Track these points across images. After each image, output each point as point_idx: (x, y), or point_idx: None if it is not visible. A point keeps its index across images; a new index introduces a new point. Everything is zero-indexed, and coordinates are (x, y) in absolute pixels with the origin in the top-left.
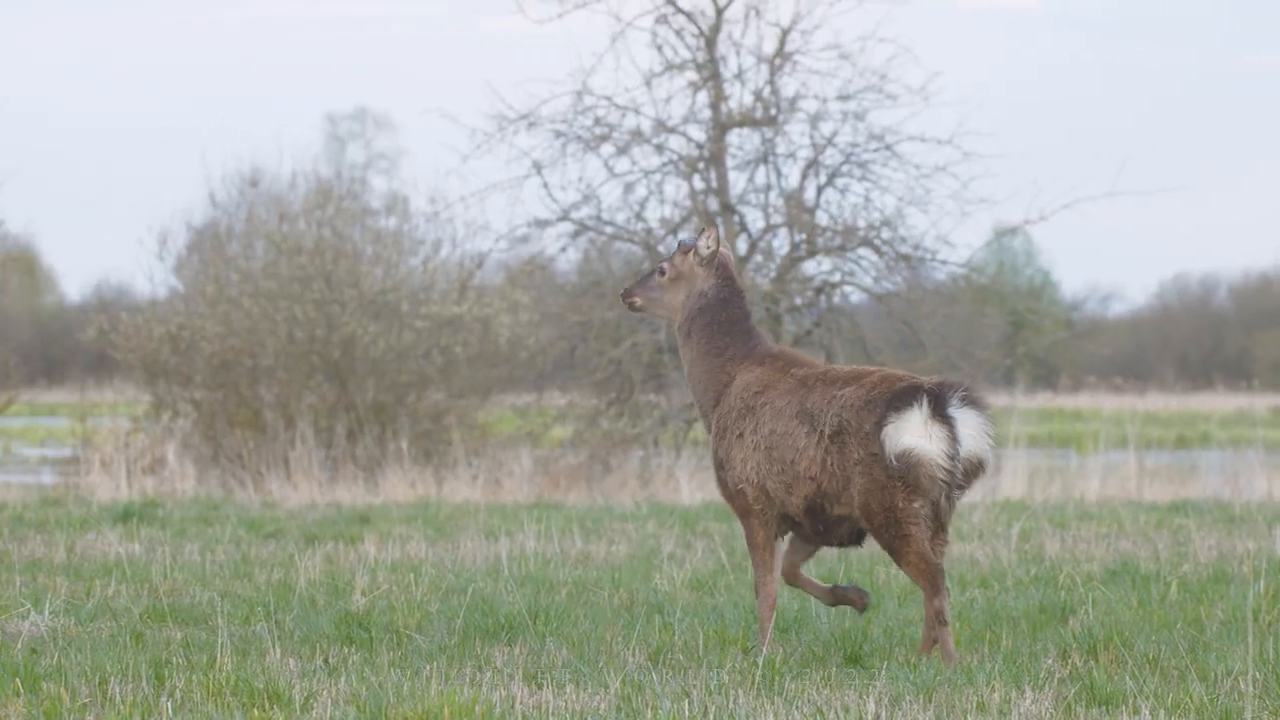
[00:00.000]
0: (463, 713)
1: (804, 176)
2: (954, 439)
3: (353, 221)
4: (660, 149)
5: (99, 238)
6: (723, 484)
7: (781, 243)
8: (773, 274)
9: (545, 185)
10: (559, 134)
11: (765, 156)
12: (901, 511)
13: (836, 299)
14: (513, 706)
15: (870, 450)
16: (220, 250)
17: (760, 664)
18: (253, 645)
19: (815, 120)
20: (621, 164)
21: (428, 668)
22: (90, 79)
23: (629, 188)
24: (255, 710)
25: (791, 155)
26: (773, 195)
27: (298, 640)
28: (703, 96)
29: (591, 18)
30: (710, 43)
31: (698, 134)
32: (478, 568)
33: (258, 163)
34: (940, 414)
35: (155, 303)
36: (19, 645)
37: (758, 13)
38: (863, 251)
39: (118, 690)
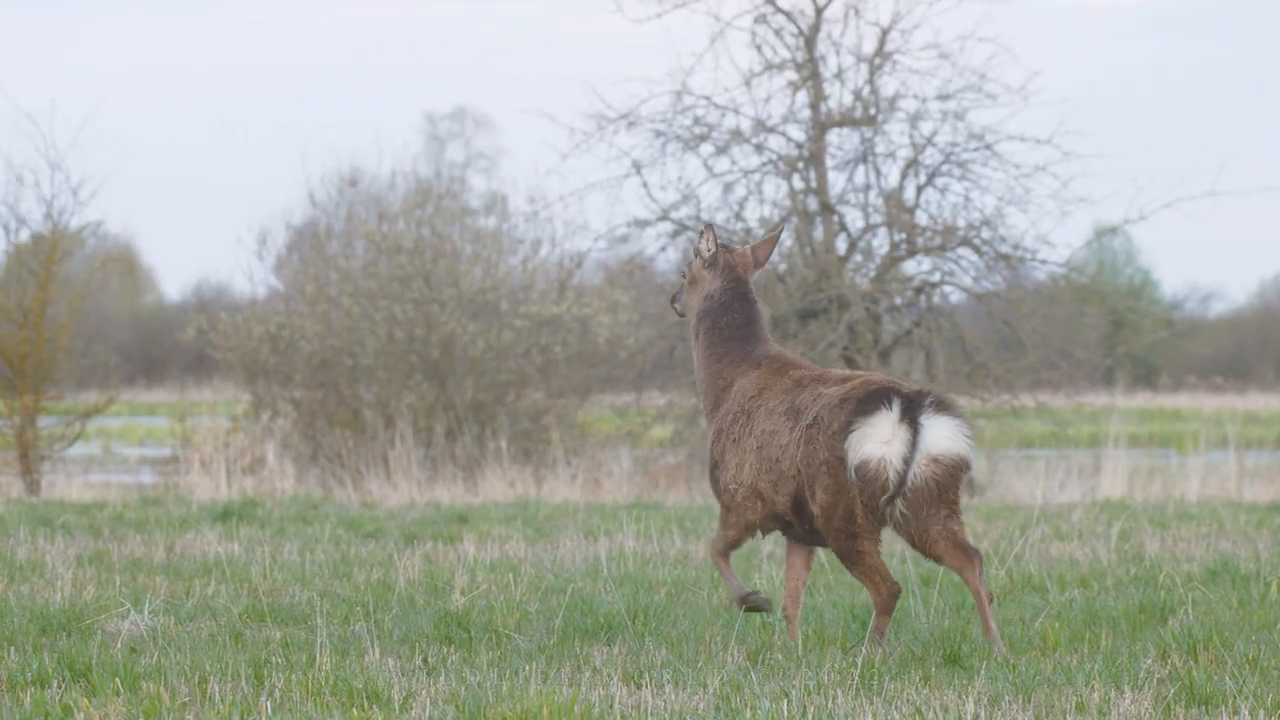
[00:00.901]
0: (561, 712)
1: (903, 176)
2: (913, 445)
3: (452, 221)
4: (760, 149)
5: (198, 237)
6: (714, 481)
7: (881, 242)
8: (872, 273)
9: (644, 185)
10: (658, 133)
11: (865, 156)
12: (859, 524)
13: (936, 299)
14: (611, 706)
15: (836, 453)
16: (320, 250)
17: (859, 664)
18: (352, 645)
19: (915, 120)
20: (721, 164)
21: (527, 667)
22: (189, 78)
23: (728, 187)
24: (354, 710)
25: (891, 155)
26: (872, 195)
27: (397, 640)
28: (802, 96)
29: (690, 17)
30: (810, 42)
31: (797, 134)
32: (577, 567)
33: (357, 162)
34: (910, 419)
35: (255, 302)
36: (119, 644)
37: (857, 12)
38: (962, 251)
39: (217, 689)
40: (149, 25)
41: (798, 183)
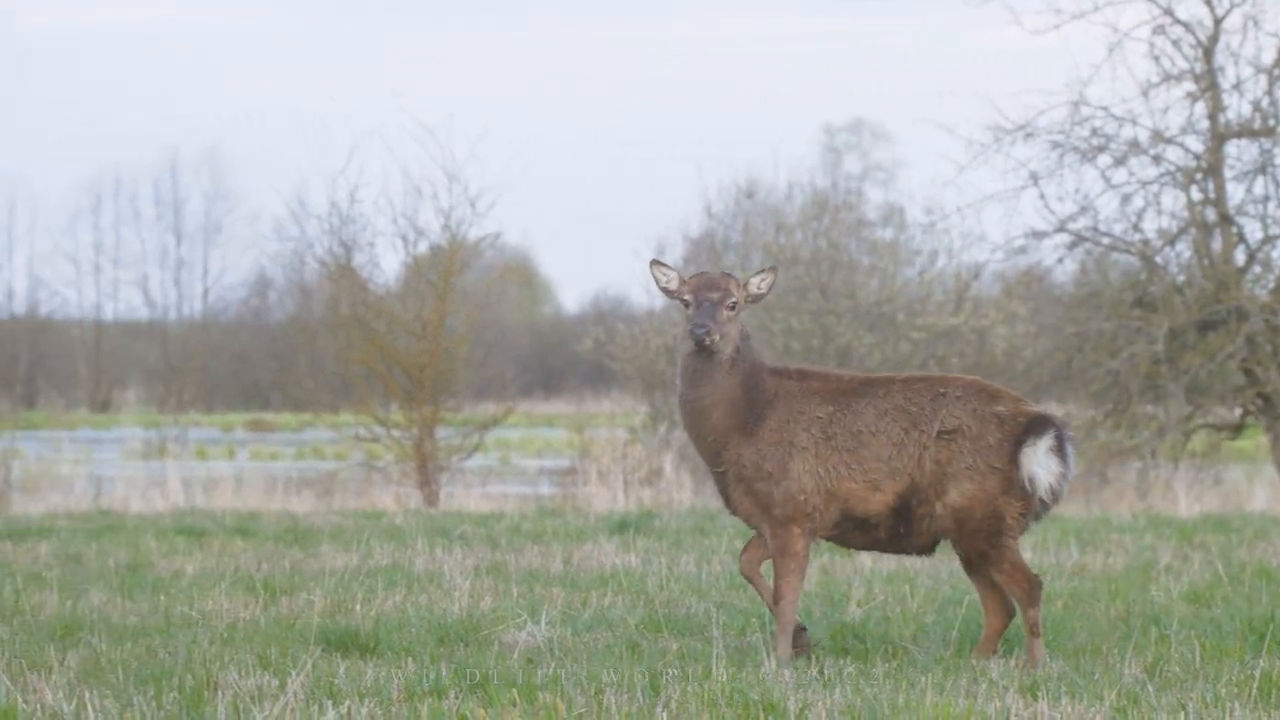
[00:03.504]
0: None
1: None
2: (1064, 477)
3: (849, 233)
4: (1157, 160)
5: (597, 248)
6: (758, 494)
7: None
8: (1272, 285)
9: (1042, 196)
10: (1055, 145)
11: (1264, 167)
12: (1007, 524)
13: None
14: (1007, 718)
15: (989, 461)
16: (717, 261)
17: (1257, 676)
18: (748, 656)
19: None
20: (1118, 175)
21: (923, 679)
22: (589, 92)
23: (1126, 198)
24: None
25: None
26: (1271, 206)
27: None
28: (1200, 107)
29: (1088, 28)
30: (1208, 53)
31: (1195, 145)
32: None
33: (753, 174)
34: (1060, 449)
35: (652, 314)
36: (516, 655)
37: (1256, 23)
38: None
39: (613, 700)
40: (545, 39)
41: (1195, 194)
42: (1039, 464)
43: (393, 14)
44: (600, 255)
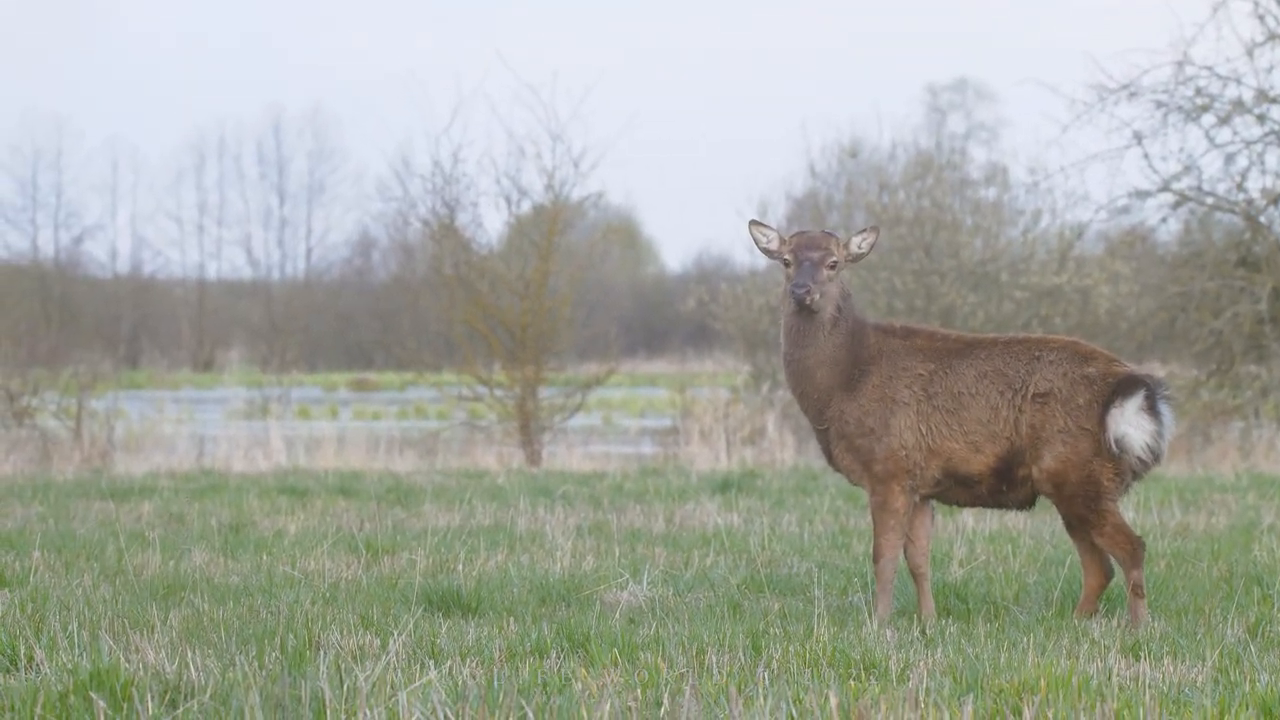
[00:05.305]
0: (1059, 684)
1: None
2: (1159, 435)
3: (952, 192)
4: (1261, 119)
5: (700, 208)
6: (860, 451)
7: None
8: None
9: (1145, 156)
10: (1159, 104)
11: None
12: (1104, 487)
13: None
14: (1109, 679)
15: (1079, 423)
16: (819, 221)
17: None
18: (850, 616)
19: None
20: (1222, 134)
21: (1024, 639)
22: (692, 52)
23: (1230, 158)
24: (851, 680)
25: None
26: None
27: (894, 611)
28: None
29: None
30: None
31: None
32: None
33: (857, 133)
34: (1151, 408)
35: (755, 273)
36: (617, 615)
37: None
38: None
39: (714, 660)
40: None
41: None
42: (1128, 423)
43: None
44: (703, 215)
